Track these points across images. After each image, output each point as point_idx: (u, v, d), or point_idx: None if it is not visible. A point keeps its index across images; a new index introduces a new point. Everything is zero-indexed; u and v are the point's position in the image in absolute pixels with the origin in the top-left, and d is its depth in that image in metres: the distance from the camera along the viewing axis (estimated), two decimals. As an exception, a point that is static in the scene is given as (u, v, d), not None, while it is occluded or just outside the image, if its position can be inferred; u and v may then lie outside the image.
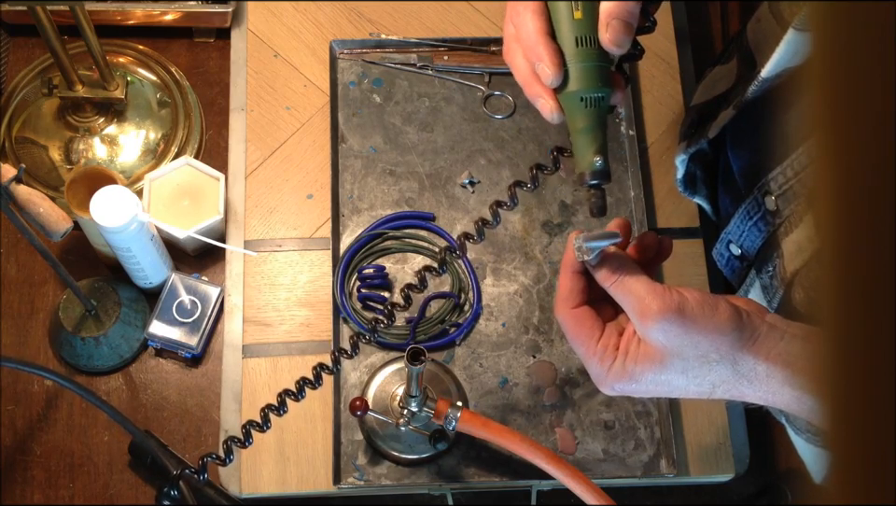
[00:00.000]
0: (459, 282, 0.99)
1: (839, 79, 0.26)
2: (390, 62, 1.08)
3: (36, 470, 0.94)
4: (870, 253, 0.26)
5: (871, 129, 0.25)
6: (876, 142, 0.25)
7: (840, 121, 0.26)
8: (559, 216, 1.03)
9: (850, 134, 0.26)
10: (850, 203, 0.26)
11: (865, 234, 0.26)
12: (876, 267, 0.25)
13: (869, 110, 0.25)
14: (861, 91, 0.25)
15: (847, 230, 0.26)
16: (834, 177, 0.26)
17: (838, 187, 0.26)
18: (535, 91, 0.67)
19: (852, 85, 0.25)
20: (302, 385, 0.77)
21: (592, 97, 0.65)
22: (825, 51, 0.26)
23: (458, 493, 0.94)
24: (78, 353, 0.96)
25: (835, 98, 0.26)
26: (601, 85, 0.66)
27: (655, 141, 1.06)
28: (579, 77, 0.65)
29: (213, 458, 0.76)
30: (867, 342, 0.26)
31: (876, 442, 0.26)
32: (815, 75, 0.26)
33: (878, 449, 0.26)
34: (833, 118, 0.26)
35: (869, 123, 0.25)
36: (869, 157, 0.25)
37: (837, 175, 0.26)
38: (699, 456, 0.94)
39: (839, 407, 0.27)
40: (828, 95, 0.26)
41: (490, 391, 0.96)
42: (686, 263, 1.01)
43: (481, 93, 1.07)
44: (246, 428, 0.77)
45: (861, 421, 0.27)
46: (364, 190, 1.03)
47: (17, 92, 1.05)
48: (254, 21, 1.09)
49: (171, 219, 0.96)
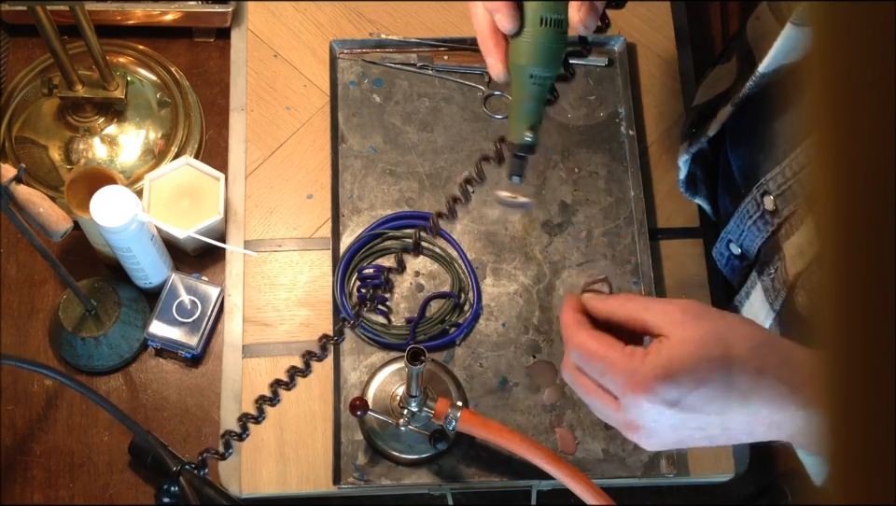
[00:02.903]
0: (459, 282, 0.99)
1: (839, 77, 0.26)
2: (390, 62, 1.08)
3: (36, 470, 0.94)
4: (871, 256, 0.25)
5: (871, 128, 0.25)
6: (877, 142, 0.25)
7: (840, 120, 0.26)
8: (559, 216, 1.03)
9: (850, 134, 0.26)
10: (851, 204, 0.26)
11: (866, 236, 0.25)
12: (878, 270, 0.25)
13: (869, 109, 0.25)
14: (861, 90, 0.25)
15: (847, 232, 0.26)
16: (834, 178, 0.26)
17: (838, 188, 0.26)
18: (487, 48, 0.69)
19: (852, 83, 0.25)
20: (293, 374, 0.78)
21: (540, 76, 0.68)
22: (825, 48, 0.26)
23: (458, 493, 0.94)
24: (78, 353, 0.96)
25: (835, 96, 0.26)
26: (552, 67, 0.68)
27: (655, 141, 1.06)
28: (534, 53, 0.67)
29: (212, 453, 0.77)
30: (869, 347, 0.26)
31: (876, 446, 0.26)
32: (814, 72, 0.26)
33: (878, 452, 0.26)
34: (833, 117, 0.26)
35: (870, 123, 0.25)
36: (870, 158, 0.25)
37: (837, 175, 0.26)
38: (699, 456, 0.94)
39: (839, 411, 0.27)
40: (827, 93, 0.26)
41: (490, 391, 0.96)
42: (686, 263, 1.01)
43: (481, 93, 1.07)
44: (242, 420, 0.78)
45: (862, 426, 0.27)
46: (364, 190, 1.03)
47: (17, 92, 1.05)
48: (254, 21, 1.09)
49: (171, 219, 0.96)
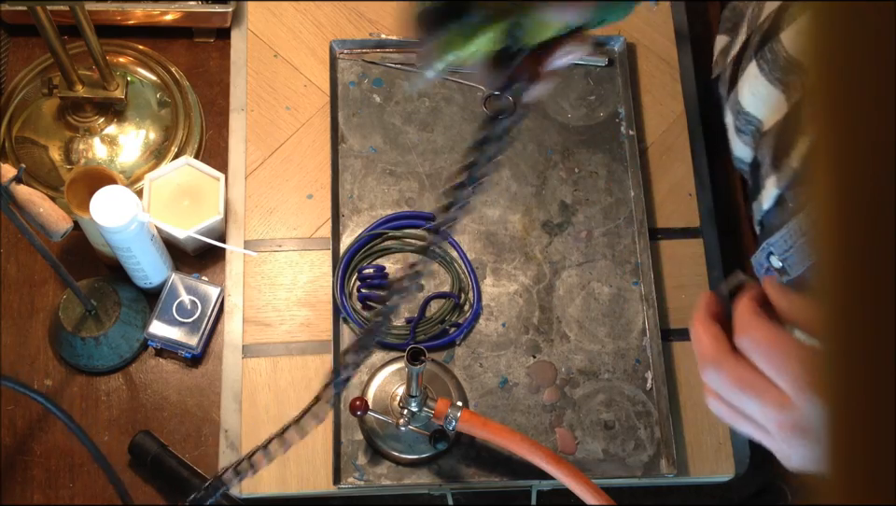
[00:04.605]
0: (459, 282, 0.99)
1: (837, 78, 0.26)
2: (390, 62, 1.08)
3: (36, 470, 0.94)
4: (870, 257, 0.25)
5: (870, 130, 0.25)
6: (876, 144, 0.25)
7: (839, 122, 0.26)
8: (559, 216, 1.03)
9: (850, 136, 0.26)
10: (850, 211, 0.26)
11: (866, 238, 0.26)
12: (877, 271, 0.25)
13: (868, 109, 0.25)
14: (860, 90, 0.25)
15: (846, 233, 0.26)
16: (833, 180, 0.26)
17: (837, 189, 0.26)
18: None
19: (851, 83, 0.25)
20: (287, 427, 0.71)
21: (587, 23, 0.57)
22: (824, 48, 0.26)
23: (458, 493, 0.94)
24: (78, 353, 0.96)
25: (834, 98, 0.26)
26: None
27: (655, 141, 1.06)
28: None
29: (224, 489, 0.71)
30: (868, 346, 0.26)
31: (876, 443, 0.26)
32: (813, 74, 0.26)
33: (878, 449, 0.26)
34: (832, 118, 0.26)
35: (869, 124, 0.25)
36: (869, 158, 0.25)
37: (837, 177, 0.26)
38: (699, 456, 0.95)
39: (839, 407, 0.27)
40: (826, 95, 0.26)
41: (490, 391, 0.96)
42: (686, 263, 1.01)
43: (481, 93, 1.07)
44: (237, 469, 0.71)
45: (861, 420, 0.27)
46: (364, 190, 1.03)
47: (17, 92, 1.05)
48: (254, 21, 1.09)
49: (171, 219, 0.96)
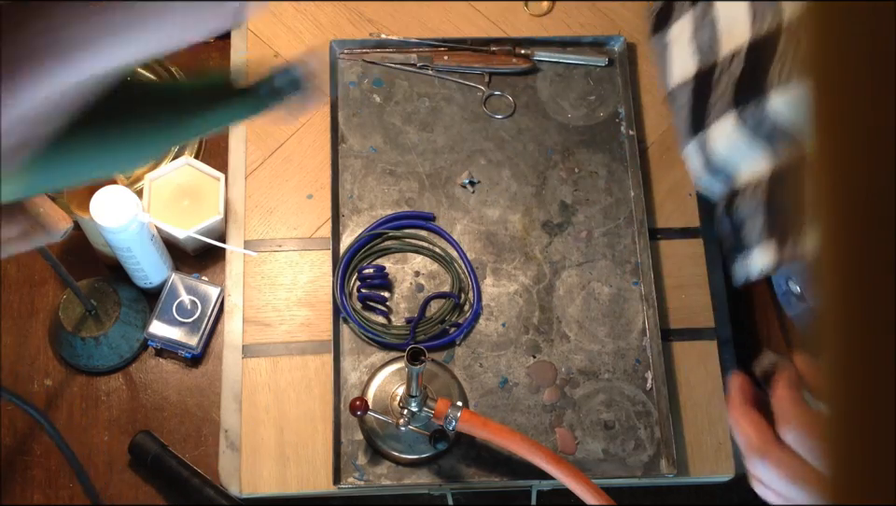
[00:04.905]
0: (459, 282, 0.99)
1: (836, 79, 0.26)
2: (390, 62, 1.08)
3: (36, 470, 0.94)
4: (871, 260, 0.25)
5: (868, 132, 0.25)
6: (875, 145, 0.25)
7: (837, 124, 0.26)
8: (559, 216, 1.03)
9: (849, 138, 0.26)
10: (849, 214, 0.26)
11: (865, 240, 0.25)
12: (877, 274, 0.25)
13: (867, 110, 0.25)
14: (858, 91, 0.25)
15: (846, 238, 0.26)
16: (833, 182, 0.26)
17: (837, 192, 0.26)
18: None
19: (850, 84, 0.25)
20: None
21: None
22: (822, 49, 0.26)
23: (458, 493, 0.94)
24: (78, 353, 0.96)
25: (832, 99, 0.26)
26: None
27: (655, 141, 1.06)
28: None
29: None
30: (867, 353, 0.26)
31: (875, 442, 0.26)
32: (811, 75, 0.26)
33: (878, 448, 0.26)
34: (830, 119, 0.26)
35: (867, 125, 0.25)
36: (868, 159, 0.25)
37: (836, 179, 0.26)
38: (699, 456, 0.95)
39: (839, 404, 0.27)
40: (824, 96, 0.26)
41: (490, 391, 0.96)
42: (686, 263, 1.01)
43: (481, 93, 1.07)
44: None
45: (862, 422, 0.27)
46: (364, 190, 1.03)
47: (17, 92, 1.05)
48: (254, 21, 1.09)
49: (171, 219, 0.96)
